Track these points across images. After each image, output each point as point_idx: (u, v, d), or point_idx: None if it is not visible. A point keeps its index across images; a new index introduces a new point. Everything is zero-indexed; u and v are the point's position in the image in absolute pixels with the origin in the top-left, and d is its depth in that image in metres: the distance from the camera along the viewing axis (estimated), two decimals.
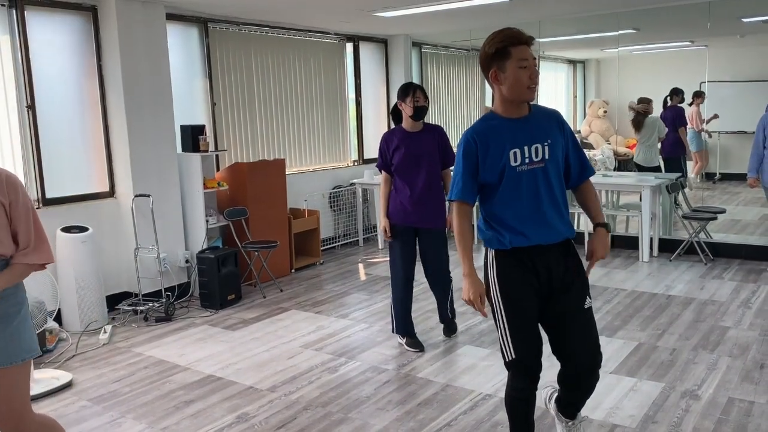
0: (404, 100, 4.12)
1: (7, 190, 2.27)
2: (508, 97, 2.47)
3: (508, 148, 2.48)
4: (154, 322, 5.04)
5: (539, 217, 2.50)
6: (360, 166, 8.00)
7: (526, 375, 2.55)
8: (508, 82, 2.42)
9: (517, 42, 2.40)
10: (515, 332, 2.50)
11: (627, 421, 3.20)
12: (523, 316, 2.51)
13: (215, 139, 6.27)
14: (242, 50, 6.49)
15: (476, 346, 4.29)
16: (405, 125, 4.21)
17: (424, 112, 4.15)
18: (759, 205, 8.08)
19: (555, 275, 2.50)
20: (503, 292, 2.51)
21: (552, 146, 2.52)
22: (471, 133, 2.53)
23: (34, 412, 2.37)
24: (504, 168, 2.48)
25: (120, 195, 5.36)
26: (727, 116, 8.32)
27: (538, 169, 2.50)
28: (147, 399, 3.68)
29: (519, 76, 2.40)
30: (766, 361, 3.87)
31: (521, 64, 2.39)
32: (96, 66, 5.21)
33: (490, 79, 2.47)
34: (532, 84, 2.42)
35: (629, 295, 5.27)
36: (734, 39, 8.11)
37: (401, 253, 4.23)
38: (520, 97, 2.46)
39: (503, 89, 2.45)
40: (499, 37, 2.41)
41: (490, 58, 2.44)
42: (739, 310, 4.82)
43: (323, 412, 3.42)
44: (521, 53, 2.40)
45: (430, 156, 4.17)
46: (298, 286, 5.98)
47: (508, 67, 2.40)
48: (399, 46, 8.24)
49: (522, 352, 2.51)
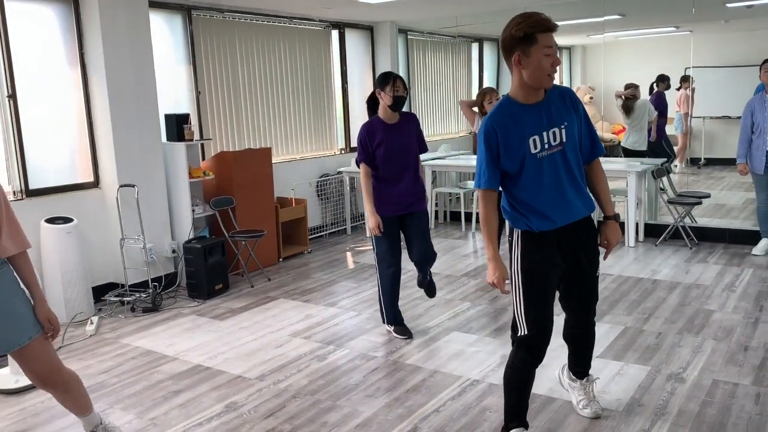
0: (383, 89, 4.04)
1: None
2: (528, 83, 2.50)
3: (528, 136, 2.54)
4: (141, 312, 5.02)
5: (562, 200, 2.61)
6: (347, 154, 7.98)
7: (532, 352, 2.67)
8: (530, 68, 2.45)
9: (546, 29, 2.43)
10: (530, 310, 2.62)
11: (614, 405, 3.23)
12: (541, 296, 2.64)
13: (200, 128, 6.22)
14: (226, 38, 6.43)
15: (464, 333, 4.31)
16: (383, 115, 4.12)
17: (402, 102, 4.09)
18: (743, 190, 8.15)
19: (579, 251, 2.69)
20: (525, 270, 2.63)
21: (569, 128, 2.59)
22: (491, 122, 2.56)
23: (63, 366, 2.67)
24: (524, 156, 2.55)
25: (105, 185, 5.31)
26: (712, 101, 8.37)
27: (557, 153, 2.58)
28: (135, 389, 3.67)
29: (542, 62, 2.44)
30: (749, 344, 3.92)
31: (546, 52, 2.43)
32: (78, 55, 5.14)
33: (512, 62, 2.48)
34: (553, 71, 2.46)
35: (615, 280, 5.31)
36: (718, 24, 8.15)
37: (390, 245, 4.18)
38: (540, 84, 2.50)
39: (525, 74, 2.48)
40: (527, 22, 2.43)
41: (516, 42, 2.45)
42: (724, 294, 4.87)
43: (312, 400, 3.43)
44: (547, 40, 2.43)
45: (412, 146, 4.18)
46: (286, 275, 5.97)
47: (532, 52, 2.43)
48: (385, 33, 8.19)
49: (534, 329, 2.63)
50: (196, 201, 5.76)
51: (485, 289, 5.22)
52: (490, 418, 3.15)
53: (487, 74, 10.29)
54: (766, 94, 5.60)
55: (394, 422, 3.16)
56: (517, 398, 2.76)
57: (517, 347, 2.70)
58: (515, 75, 2.52)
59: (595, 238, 2.78)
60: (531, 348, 2.66)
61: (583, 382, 3.13)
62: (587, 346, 3.05)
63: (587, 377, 3.14)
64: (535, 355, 2.67)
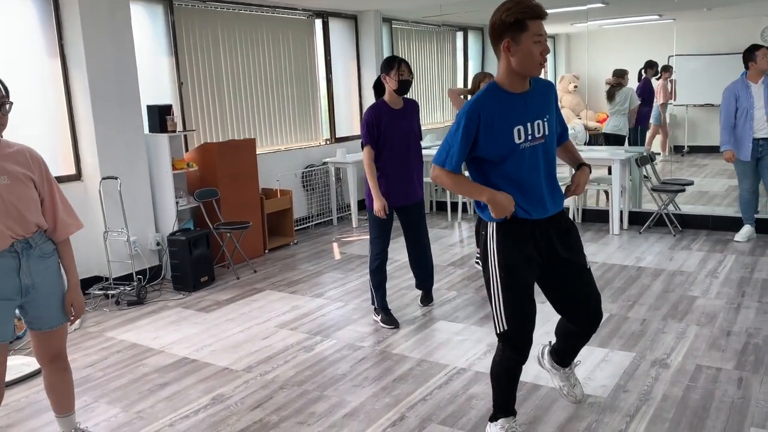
0: (389, 73, 4.06)
1: (33, 165, 2.54)
2: (516, 70, 2.44)
3: (513, 125, 2.48)
4: (126, 305, 4.98)
5: (539, 192, 2.56)
6: (332, 144, 7.94)
7: (515, 348, 2.61)
8: (520, 55, 2.39)
9: (536, 16, 2.37)
10: (509, 305, 2.55)
11: (599, 391, 3.26)
12: (519, 290, 2.56)
13: (183, 119, 6.17)
14: (209, 28, 6.37)
15: (450, 322, 4.32)
16: (388, 100, 4.14)
17: (408, 86, 4.10)
18: (725, 177, 8.24)
19: (555, 243, 2.61)
20: (501, 265, 2.55)
21: (550, 121, 2.57)
22: (476, 106, 2.47)
23: None
24: (508, 145, 2.48)
25: (87, 178, 5.25)
26: (695, 89, 8.42)
27: (539, 145, 2.55)
28: (121, 383, 3.64)
29: (532, 50, 2.38)
30: (732, 329, 3.97)
31: (536, 39, 2.37)
32: (58, 45, 5.06)
33: (501, 48, 2.42)
34: (543, 60, 2.41)
35: (600, 268, 5.35)
36: (701, 12, 8.19)
37: (384, 233, 4.23)
38: (529, 72, 2.45)
39: (513, 61, 2.42)
40: (518, 8, 2.36)
41: (505, 27, 2.38)
42: (707, 280, 4.92)
43: (299, 391, 3.43)
44: (538, 27, 2.38)
45: (415, 133, 4.23)
46: (272, 266, 5.95)
47: (522, 39, 2.37)
48: (369, 22, 8.15)
49: (513, 325, 2.57)
50: (179, 193, 5.72)
51: (471, 279, 5.24)
52: (476, 406, 3.17)
53: (471, 63, 10.28)
54: (747, 79, 5.62)
55: (382, 411, 3.17)
56: (506, 392, 2.74)
57: (502, 345, 2.65)
58: (503, 62, 2.46)
59: (576, 231, 2.72)
60: (514, 346, 2.60)
61: (566, 370, 3.12)
62: (584, 344, 2.95)
63: (573, 364, 3.14)
64: (519, 352, 2.61)
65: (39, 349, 2.74)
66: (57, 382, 2.82)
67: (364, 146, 4.12)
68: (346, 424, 3.07)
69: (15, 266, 2.50)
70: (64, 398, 2.86)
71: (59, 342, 2.74)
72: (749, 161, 5.69)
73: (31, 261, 2.55)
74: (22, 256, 2.52)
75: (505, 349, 2.64)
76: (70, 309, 2.70)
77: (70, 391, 2.87)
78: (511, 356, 2.63)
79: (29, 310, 2.62)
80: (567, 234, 2.67)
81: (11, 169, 2.46)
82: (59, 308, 2.67)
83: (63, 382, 2.83)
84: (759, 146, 5.64)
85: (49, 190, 2.61)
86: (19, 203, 2.48)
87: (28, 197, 2.50)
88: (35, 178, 2.54)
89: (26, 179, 2.50)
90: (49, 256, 2.62)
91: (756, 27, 7.63)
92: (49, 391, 2.84)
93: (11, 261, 2.49)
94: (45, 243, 2.61)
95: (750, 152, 5.64)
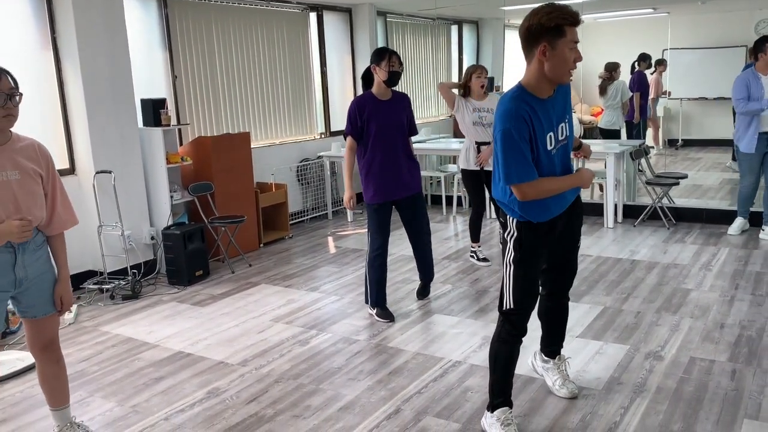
0: (379, 64, 4.03)
1: (41, 160, 2.57)
2: (548, 76, 2.44)
3: (546, 133, 2.51)
4: (121, 300, 4.97)
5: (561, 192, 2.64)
6: (327, 138, 7.93)
7: (515, 324, 2.75)
8: (554, 60, 2.40)
9: (574, 23, 2.39)
10: (518, 290, 2.69)
11: (593, 384, 3.27)
12: (529, 277, 2.71)
13: (177, 113, 6.14)
14: (203, 21, 6.34)
15: (446, 315, 4.33)
16: (376, 91, 4.12)
17: (398, 77, 4.07)
18: (719, 170, 8.27)
19: (567, 225, 2.77)
20: (517, 256, 2.66)
21: (570, 122, 2.65)
22: (519, 112, 2.43)
23: None
24: (543, 152, 2.52)
25: (81, 172, 5.23)
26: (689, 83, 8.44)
27: (561, 147, 2.62)
28: (116, 377, 3.64)
29: (567, 56, 2.40)
30: (725, 321, 3.99)
31: (572, 46, 2.39)
32: (50, 39, 5.03)
33: (537, 52, 2.41)
34: (574, 67, 2.44)
35: (595, 261, 5.37)
36: (695, 6, 8.19)
37: (383, 227, 4.21)
38: (560, 78, 2.47)
39: (547, 66, 2.42)
40: (558, 14, 2.37)
41: (544, 31, 2.38)
42: (701, 273, 4.94)
43: (295, 384, 3.43)
44: (574, 34, 2.40)
45: (403, 125, 4.19)
46: (267, 260, 5.95)
47: (559, 45, 2.38)
48: (363, 15, 8.12)
49: (519, 305, 2.71)
50: (174, 187, 5.70)
51: (466, 272, 5.24)
52: (472, 398, 3.18)
53: (466, 57, 10.28)
54: (756, 71, 5.56)
55: (377, 404, 3.17)
56: (504, 373, 2.81)
57: (503, 321, 2.77)
58: (535, 66, 2.44)
59: (581, 214, 2.89)
60: (514, 322, 2.74)
61: (556, 361, 3.20)
62: (562, 320, 3.13)
63: (559, 356, 3.20)
64: (518, 327, 2.75)
65: (32, 338, 2.75)
66: (50, 373, 2.82)
67: (346, 136, 4.15)
68: (341, 417, 3.08)
69: (12, 261, 2.52)
70: (59, 390, 2.85)
71: (52, 329, 2.77)
72: (756, 155, 5.60)
73: (26, 254, 2.56)
74: (18, 251, 2.53)
75: (504, 324, 2.76)
76: (59, 302, 2.72)
77: (64, 383, 2.87)
78: (510, 330, 2.75)
79: (22, 300, 2.65)
80: (578, 217, 2.86)
81: (23, 164, 2.47)
82: (51, 295, 2.70)
83: (57, 374, 2.84)
84: (767, 140, 5.58)
85: (52, 185, 2.63)
86: (27, 199, 2.50)
87: (35, 193, 2.53)
88: (43, 173, 2.56)
89: (35, 175, 2.52)
90: (40, 246, 2.64)
91: (750, 20, 7.64)
92: (43, 383, 2.84)
93: (8, 256, 2.50)
94: (37, 235, 2.63)
95: (755, 145, 5.56)
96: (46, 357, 2.79)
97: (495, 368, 2.82)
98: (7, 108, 2.40)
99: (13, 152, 2.47)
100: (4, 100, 2.39)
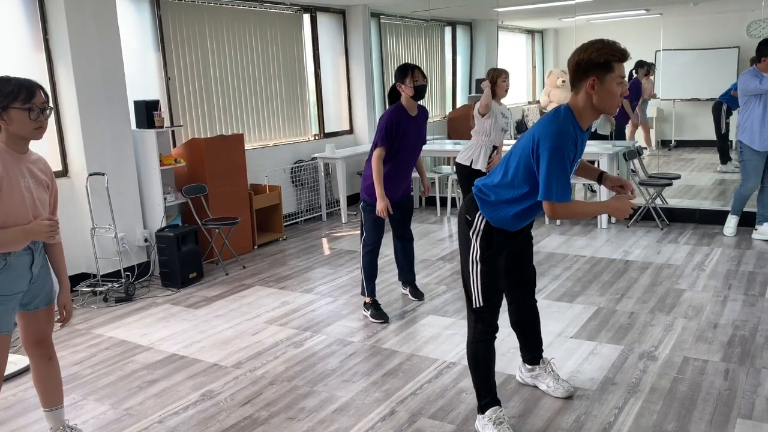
0: (403, 81, 4.12)
1: (48, 174, 2.70)
2: (597, 107, 2.55)
3: (576, 162, 2.66)
4: (114, 302, 4.95)
5: None
6: (321, 140, 7.92)
7: (488, 322, 2.81)
8: (602, 93, 2.51)
9: (622, 59, 2.51)
10: (486, 286, 2.76)
11: (587, 384, 3.28)
12: (496, 274, 2.79)
13: (170, 115, 6.13)
14: (196, 22, 6.32)
15: (440, 316, 4.33)
16: (405, 105, 4.18)
17: (424, 91, 4.16)
18: (712, 171, 8.30)
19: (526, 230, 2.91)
20: (484, 254, 2.74)
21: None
22: (573, 135, 2.53)
23: None
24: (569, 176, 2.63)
25: (73, 174, 5.21)
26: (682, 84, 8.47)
27: None
28: (109, 380, 3.62)
29: (614, 90, 2.51)
30: (719, 321, 4.00)
31: (619, 80, 2.51)
32: (43, 40, 5.01)
33: (586, 85, 2.52)
34: (621, 101, 2.56)
35: (588, 262, 5.38)
36: (687, 7, 8.23)
37: (379, 226, 4.31)
38: (609, 110, 2.58)
39: (595, 98, 2.53)
40: (608, 50, 2.49)
41: (593, 66, 2.50)
42: (694, 273, 4.96)
43: (289, 386, 3.42)
44: (621, 70, 2.53)
45: (423, 139, 4.33)
46: (261, 262, 5.93)
47: (608, 80, 2.49)
48: (357, 17, 8.12)
49: (488, 302, 2.78)
50: (167, 189, 5.68)
51: (460, 273, 5.24)
52: (466, 399, 3.18)
53: (460, 58, 10.28)
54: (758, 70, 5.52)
55: (372, 406, 3.17)
56: (486, 372, 2.85)
57: (475, 320, 2.82)
58: (584, 97, 2.55)
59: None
60: (486, 319, 2.80)
61: (541, 366, 3.21)
62: (537, 324, 3.18)
63: (542, 359, 3.22)
64: (491, 324, 2.81)
65: (26, 333, 2.78)
66: (44, 372, 2.83)
67: (377, 147, 4.12)
68: (336, 419, 3.07)
69: (30, 261, 2.65)
70: (52, 390, 2.85)
71: (46, 323, 2.80)
72: (761, 156, 5.53)
73: (38, 254, 2.71)
74: (35, 251, 2.68)
75: (477, 323, 2.82)
76: (62, 312, 2.81)
77: (57, 383, 2.88)
78: (484, 329, 2.81)
79: (27, 294, 2.70)
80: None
81: (37, 174, 2.64)
82: (50, 288, 2.79)
83: (50, 372, 2.84)
84: None
85: (54, 198, 2.78)
86: (40, 204, 2.65)
87: (45, 202, 2.69)
88: (50, 186, 2.74)
89: (45, 185, 2.69)
90: (42, 245, 2.77)
91: (742, 22, 7.67)
92: (36, 382, 2.84)
93: (28, 257, 2.64)
94: None
95: (765, 143, 5.46)
96: (40, 353, 2.81)
97: (477, 369, 2.85)
98: (39, 121, 2.54)
99: (30, 163, 2.62)
100: (37, 113, 2.52)
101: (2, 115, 2.46)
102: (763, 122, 5.49)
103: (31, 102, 2.49)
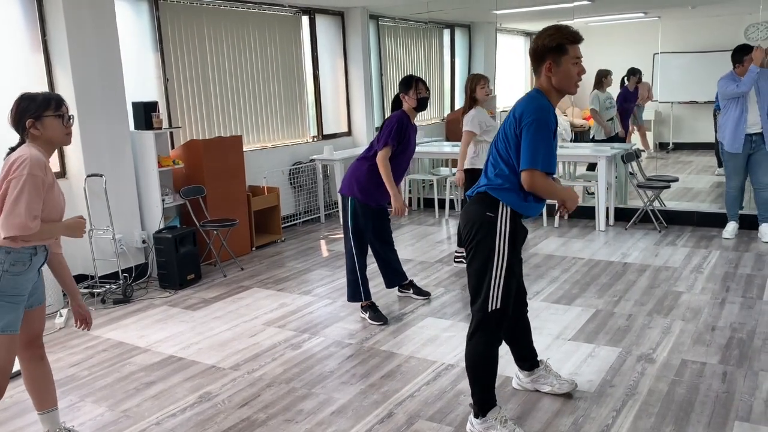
0: (407, 92, 4.24)
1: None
2: (557, 88, 2.73)
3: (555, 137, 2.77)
4: (112, 304, 4.95)
5: None
6: (319, 142, 7.92)
7: (500, 326, 2.80)
8: (560, 75, 2.70)
9: (575, 41, 2.69)
10: (506, 286, 2.74)
11: (586, 386, 3.28)
12: (515, 276, 2.81)
13: (169, 116, 6.12)
14: (194, 24, 6.32)
15: (438, 318, 4.33)
16: (409, 114, 4.30)
17: (426, 102, 4.31)
18: (710, 173, 8.32)
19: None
20: (511, 249, 2.74)
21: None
22: (551, 109, 2.71)
23: None
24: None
25: (71, 175, 5.20)
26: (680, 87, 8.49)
27: None
28: (106, 382, 3.62)
29: (571, 71, 2.69)
30: (716, 324, 4.01)
31: (574, 61, 2.69)
32: (41, 41, 5.00)
33: (543, 69, 2.71)
34: (579, 80, 2.72)
35: (586, 264, 5.38)
36: (685, 10, 8.25)
37: (367, 228, 4.34)
38: (568, 90, 2.75)
39: (554, 80, 2.71)
40: (559, 34, 2.67)
41: (547, 51, 2.68)
42: (692, 275, 4.97)
43: (287, 388, 3.42)
44: (576, 51, 2.70)
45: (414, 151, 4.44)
46: (259, 264, 5.93)
47: (563, 61, 2.68)
48: (356, 19, 8.13)
49: (504, 304, 2.76)
50: (165, 190, 5.68)
51: (459, 275, 5.25)
52: (464, 402, 3.18)
53: (458, 60, 10.30)
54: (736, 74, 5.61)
55: (370, 408, 3.17)
56: (493, 376, 2.82)
57: (485, 324, 2.77)
58: (544, 81, 2.73)
59: None
60: (500, 323, 2.78)
61: (539, 369, 3.20)
62: (529, 331, 3.18)
63: (539, 361, 3.22)
64: (502, 328, 2.80)
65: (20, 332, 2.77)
66: (36, 372, 2.83)
67: (385, 146, 4.17)
68: (333, 421, 3.07)
69: (43, 261, 2.75)
70: (45, 391, 2.85)
71: (40, 322, 2.83)
72: (741, 157, 5.69)
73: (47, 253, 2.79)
74: (48, 251, 2.78)
75: (488, 327, 2.77)
76: (82, 320, 2.93)
77: (50, 384, 2.88)
78: (495, 331, 2.79)
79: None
80: None
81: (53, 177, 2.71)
82: (44, 286, 2.86)
83: (42, 373, 2.85)
84: (752, 141, 5.66)
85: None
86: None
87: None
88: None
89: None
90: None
91: (739, 25, 7.69)
92: (29, 385, 2.84)
93: (42, 257, 2.73)
94: None
95: (742, 145, 5.64)
96: (31, 354, 2.81)
97: (486, 374, 2.80)
98: (69, 127, 2.70)
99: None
100: (67, 119, 2.68)
101: (36, 124, 2.61)
102: (738, 125, 5.67)
103: (61, 110, 2.66)
